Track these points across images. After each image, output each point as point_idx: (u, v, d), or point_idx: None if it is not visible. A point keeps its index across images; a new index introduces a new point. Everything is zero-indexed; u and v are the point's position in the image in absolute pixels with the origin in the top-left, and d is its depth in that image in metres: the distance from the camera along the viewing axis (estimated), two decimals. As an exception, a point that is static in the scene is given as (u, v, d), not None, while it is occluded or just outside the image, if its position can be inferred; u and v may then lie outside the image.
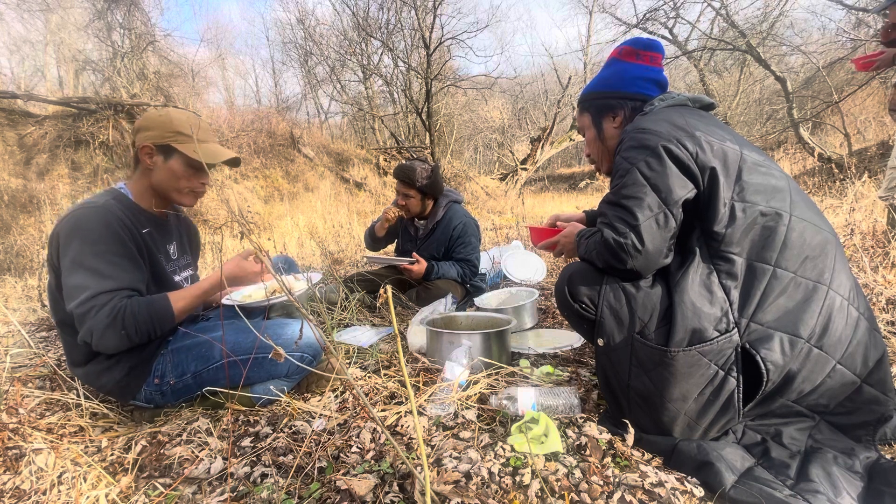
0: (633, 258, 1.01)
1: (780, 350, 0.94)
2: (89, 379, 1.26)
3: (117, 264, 1.15)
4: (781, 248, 0.97)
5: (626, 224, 1.01)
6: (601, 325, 1.08)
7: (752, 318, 0.96)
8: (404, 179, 2.35)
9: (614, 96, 1.24)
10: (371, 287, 2.41)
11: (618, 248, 1.02)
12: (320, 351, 1.37)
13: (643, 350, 1.02)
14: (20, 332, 1.82)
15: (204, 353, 1.26)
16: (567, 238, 1.31)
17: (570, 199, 12.52)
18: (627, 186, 1.02)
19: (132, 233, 1.22)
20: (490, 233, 5.56)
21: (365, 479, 0.94)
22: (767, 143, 11.73)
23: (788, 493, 0.85)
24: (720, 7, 10.15)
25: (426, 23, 11.86)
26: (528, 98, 21.20)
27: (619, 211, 1.03)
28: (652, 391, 1.01)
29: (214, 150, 1.31)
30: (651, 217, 0.99)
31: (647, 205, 1.00)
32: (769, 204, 0.98)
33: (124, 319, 1.12)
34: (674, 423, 1.01)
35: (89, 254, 1.12)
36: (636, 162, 1.02)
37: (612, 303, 1.06)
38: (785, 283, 0.96)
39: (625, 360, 1.05)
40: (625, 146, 1.07)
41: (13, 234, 5.71)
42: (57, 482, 1.01)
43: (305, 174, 10.61)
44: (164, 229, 1.38)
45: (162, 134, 1.25)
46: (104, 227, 1.15)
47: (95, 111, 7.76)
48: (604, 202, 1.10)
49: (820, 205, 3.90)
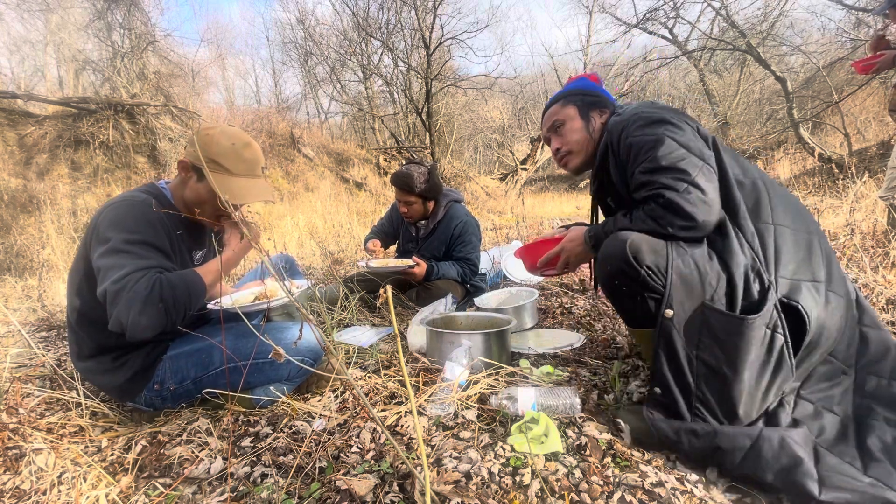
0: (700, 211, 1.01)
1: (811, 297, 0.98)
2: (91, 375, 1.26)
3: (152, 250, 1.14)
4: (772, 209, 1.06)
5: (683, 181, 1.03)
6: (671, 295, 1.00)
7: (778, 274, 1.00)
8: (403, 187, 2.33)
9: (597, 95, 1.33)
10: (371, 287, 2.41)
11: (685, 204, 1.01)
12: (321, 353, 1.36)
13: (717, 318, 0.97)
14: (20, 332, 1.82)
15: (204, 359, 1.26)
16: (573, 242, 1.28)
17: (570, 199, 12.53)
18: (665, 151, 1.06)
19: (168, 230, 1.22)
20: (490, 233, 5.56)
21: (365, 479, 0.94)
22: (767, 143, 11.73)
23: (868, 480, 0.87)
24: (720, 7, 10.16)
25: (426, 23, 11.86)
26: (528, 98, 21.18)
27: (670, 172, 1.04)
28: (722, 361, 0.97)
29: (244, 189, 1.23)
30: (699, 171, 1.04)
31: (691, 162, 1.04)
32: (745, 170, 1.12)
33: (162, 290, 1.07)
34: (741, 394, 0.97)
35: (126, 241, 1.11)
36: (661, 132, 1.08)
37: (681, 269, 1.00)
38: (789, 237, 1.03)
39: (694, 332, 0.99)
40: (636, 126, 1.13)
41: (13, 234, 5.70)
42: (57, 482, 1.01)
43: (305, 174, 10.61)
44: (196, 235, 1.38)
45: (200, 156, 1.18)
46: (143, 218, 1.16)
47: (95, 111, 7.76)
48: (645, 172, 1.08)
49: (820, 204, 3.90)
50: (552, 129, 1.37)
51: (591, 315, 2.19)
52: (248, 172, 1.25)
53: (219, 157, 1.20)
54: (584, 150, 1.33)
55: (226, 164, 1.21)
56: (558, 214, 8.80)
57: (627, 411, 1.15)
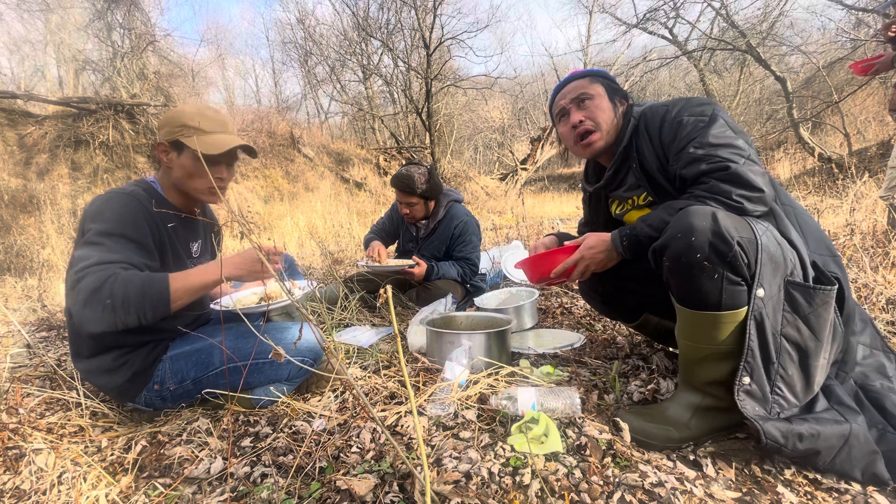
0: (763, 181, 1.04)
1: (840, 270, 1.04)
2: (90, 375, 1.25)
3: (126, 246, 1.12)
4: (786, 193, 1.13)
5: (740, 155, 1.06)
6: (762, 273, 0.96)
7: (810, 249, 1.04)
8: (404, 189, 2.32)
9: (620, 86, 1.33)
10: (371, 287, 2.41)
11: (749, 175, 1.03)
12: (321, 353, 1.36)
13: (802, 293, 0.97)
14: (20, 332, 1.82)
15: (203, 360, 1.26)
16: (594, 249, 1.22)
17: (570, 199, 12.52)
18: (720, 129, 1.09)
19: (155, 224, 1.20)
20: (490, 233, 5.56)
21: (365, 479, 0.94)
22: (767, 143, 11.74)
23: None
24: (720, 7, 10.16)
25: (426, 23, 11.86)
26: (528, 98, 21.19)
27: (728, 148, 1.07)
28: (807, 336, 0.97)
29: (220, 141, 1.24)
30: (751, 149, 1.08)
31: (743, 141, 1.08)
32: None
33: (113, 286, 1.01)
34: (818, 367, 0.98)
35: (101, 233, 1.10)
36: (713, 112, 1.12)
37: (769, 247, 0.97)
38: (804, 215, 1.10)
39: (779, 309, 0.98)
40: (686, 108, 1.16)
41: (13, 234, 5.71)
42: (57, 482, 1.01)
43: (305, 174, 10.61)
44: (189, 226, 1.37)
45: (171, 130, 1.23)
46: (125, 210, 1.15)
47: (95, 111, 7.76)
48: (700, 146, 1.09)
49: (820, 204, 3.90)
50: (577, 100, 1.28)
51: (591, 315, 2.19)
52: (221, 129, 1.27)
53: (189, 120, 1.22)
54: (611, 130, 1.27)
55: (198, 125, 1.22)
56: (558, 214, 8.80)
57: (627, 411, 1.15)
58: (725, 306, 0.99)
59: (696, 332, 1.05)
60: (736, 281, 0.97)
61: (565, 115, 1.31)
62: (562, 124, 1.34)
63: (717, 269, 0.97)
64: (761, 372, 0.97)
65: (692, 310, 1.04)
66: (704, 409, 1.05)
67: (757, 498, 0.90)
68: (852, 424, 0.93)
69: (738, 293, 0.97)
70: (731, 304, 0.98)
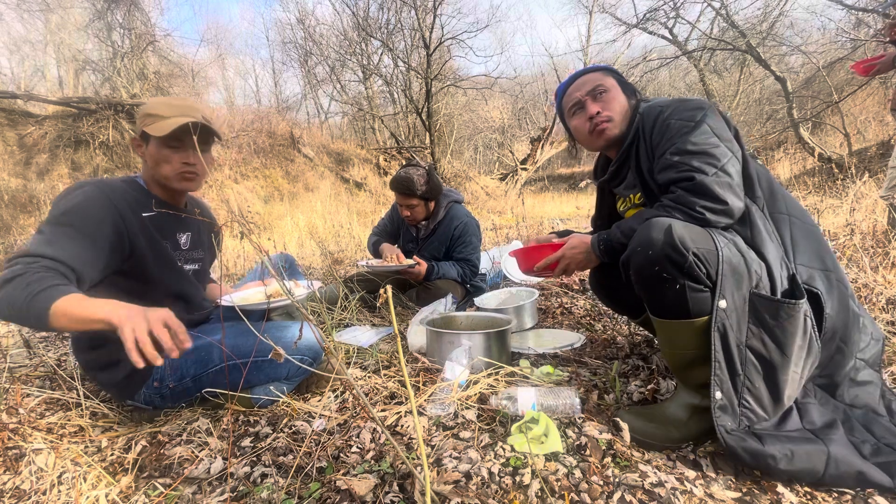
0: (729, 194, 1.03)
1: (824, 285, 1.02)
2: (91, 369, 1.25)
3: (72, 238, 1.06)
4: (785, 201, 1.10)
5: (713, 166, 1.04)
6: (724, 284, 0.98)
7: (797, 262, 1.03)
8: (404, 191, 2.31)
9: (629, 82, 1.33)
10: (371, 287, 2.41)
11: (715, 186, 1.02)
12: (321, 353, 1.36)
13: (766, 305, 0.97)
14: (20, 332, 1.82)
15: (203, 357, 1.26)
16: (575, 249, 1.26)
17: (570, 199, 12.52)
18: (700, 136, 1.08)
19: (122, 214, 1.16)
20: (490, 233, 5.56)
21: (365, 479, 0.94)
22: (767, 143, 11.73)
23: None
24: (720, 7, 10.16)
25: (426, 23, 11.86)
26: (528, 98, 21.19)
27: (703, 157, 1.06)
28: (771, 349, 0.97)
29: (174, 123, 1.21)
30: (729, 159, 1.06)
31: (723, 150, 1.07)
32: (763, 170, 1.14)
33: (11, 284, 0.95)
34: (787, 381, 0.97)
35: (51, 221, 1.09)
36: (700, 117, 1.10)
37: (731, 258, 0.98)
38: (801, 228, 1.08)
39: (743, 321, 0.98)
40: (679, 110, 1.14)
41: (13, 234, 5.71)
42: (57, 482, 1.01)
43: (305, 174, 10.61)
44: (176, 217, 1.35)
45: (140, 122, 1.24)
46: (85, 200, 1.12)
47: (95, 111, 7.76)
48: (675, 153, 1.09)
49: (820, 204, 3.90)
50: (592, 93, 1.28)
51: (591, 315, 2.19)
52: (180, 114, 1.23)
53: (152, 110, 1.23)
54: (623, 122, 1.27)
55: (158, 112, 1.22)
56: (558, 214, 8.80)
57: (627, 411, 1.15)
58: (695, 313, 1.01)
59: (674, 340, 1.07)
60: (699, 289, 0.99)
61: (581, 108, 1.30)
62: (577, 117, 1.32)
63: (678, 280, 0.99)
64: (729, 384, 0.98)
65: (664, 319, 1.07)
66: (703, 410, 1.05)
67: (757, 498, 0.90)
68: (829, 447, 0.92)
69: (705, 300, 1.00)
70: (701, 311, 1.01)
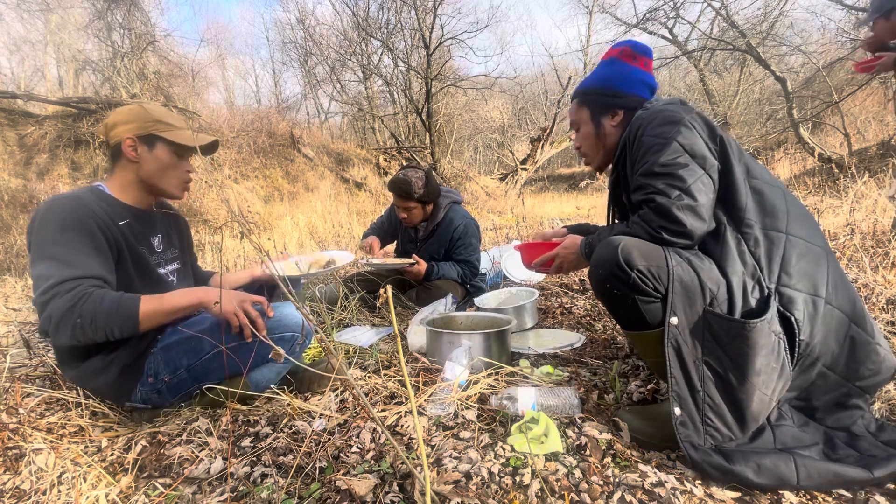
0: (688, 218, 1.02)
1: (806, 310, 1.01)
2: (84, 382, 1.26)
3: (81, 252, 1.11)
4: (789, 219, 1.07)
5: (677, 188, 1.04)
6: (675, 302, 1.00)
7: (780, 283, 1.02)
8: (402, 194, 2.31)
9: (616, 95, 1.27)
10: (371, 287, 2.41)
11: (675, 210, 1.02)
12: (310, 331, 1.35)
13: (719, 324, 0.98)
14: (20, 332, 1.82)
15: (194, 346, 1.25)
16: (567, 250, 1.29)
17: (570, 199, 12.53)
18: (669, 156, 1.07)
19: (104, 223, 1.18)
20: (490, 233, 5.56)
21: (365, 479, 0.94)
22: (767, 143, 11.74)
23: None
24: (720, 7, 10.16)
25: (426, 23, 11.86)
26: (528, 98, 21.20)
27: (667, 178, 1.05)
28: (728, 366, 0.98)
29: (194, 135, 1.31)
30: (697, 179, 1.05)
31: (691, 169, 1.05)
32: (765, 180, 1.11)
33: (83, 308, 1.05)
34: (751, 399, 0.97)
35: (53, 242, 1.10)
36: (671, 134, 1.08)
37: (682, 276, 1.00)
38: (799, 249, 1.05)
39: (698, 338, 1.00)
40: (652, 125, 1.12)
41: (13, 234, 5.71)
42: (57, 482, 1.01)
43: (305, 174, 10.61)
44: (146, 222, 1.35)
45: (142, 125, 1.25)
46: (71, 215, 1.13)
47: (95, 111, 7.76)
48: (644, 175, 1.09)
49: (820, 204, 3.90)
50: (572, 126, 1.39)
51: (591, 315, 2.19)
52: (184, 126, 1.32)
53: (162, 117, 1.26)
54: (596, 155, 1.35)
55: (170, 121, 1.27)
56: (558, 214, 8.79)
57: (627, 411, 1.15)
58: (654, 325, 1.05)
59: (645, 349, 1.12)
60: (650, 301, 1.03)
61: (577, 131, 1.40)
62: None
63: (629, 295, 1.04)
64: (689, 401, 0.99)
65: (631, 331, 1.11)
66: None
67: (757, 498, 0.90)
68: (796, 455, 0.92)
69: (659, 312, 1.03)
70: (643, 326, 1.05)
